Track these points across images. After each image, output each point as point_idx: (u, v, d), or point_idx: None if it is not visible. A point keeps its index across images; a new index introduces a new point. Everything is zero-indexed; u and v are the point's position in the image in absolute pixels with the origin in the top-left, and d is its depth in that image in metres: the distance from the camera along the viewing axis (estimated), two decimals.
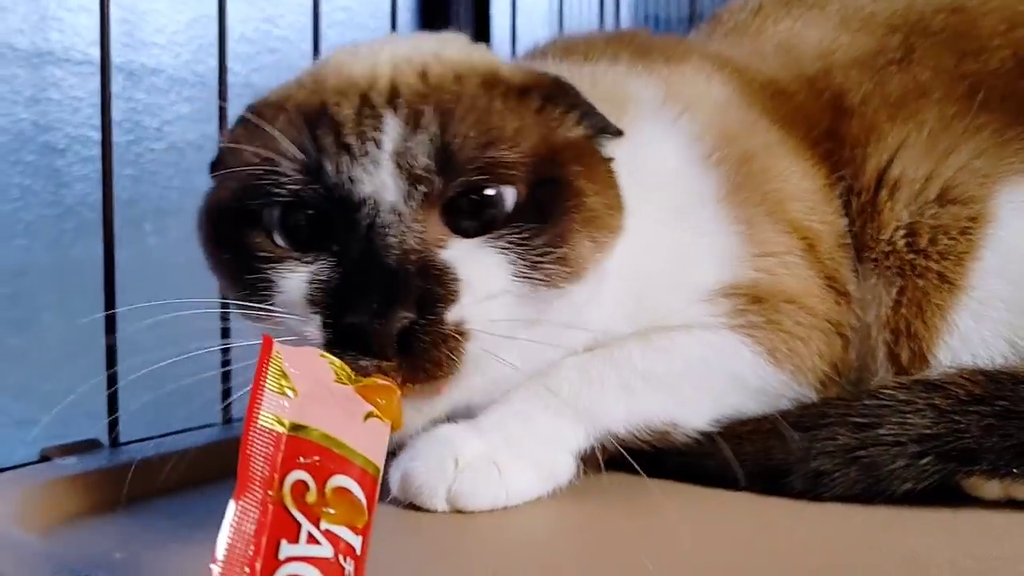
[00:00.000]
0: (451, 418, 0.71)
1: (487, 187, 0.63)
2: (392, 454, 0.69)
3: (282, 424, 0.45)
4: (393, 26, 1.26)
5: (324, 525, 0.42)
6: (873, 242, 0.81)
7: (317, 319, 0.60)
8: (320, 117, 0.64)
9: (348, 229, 0.62)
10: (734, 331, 0.76)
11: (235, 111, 0.98)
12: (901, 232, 0.80)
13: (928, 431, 0.68)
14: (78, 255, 1.05)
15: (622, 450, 0.70)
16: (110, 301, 0.86)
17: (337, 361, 0.53)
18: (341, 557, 0.42)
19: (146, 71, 1.14)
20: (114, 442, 0.84)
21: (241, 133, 0.68)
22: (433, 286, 0.59)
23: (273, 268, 0.63)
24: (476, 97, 0.65)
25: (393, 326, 0.57)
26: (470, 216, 0.63)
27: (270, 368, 0.47)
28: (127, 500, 0.67)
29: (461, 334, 0.60)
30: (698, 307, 0.76)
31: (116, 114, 0.88)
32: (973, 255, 0.77)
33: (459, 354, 0.60)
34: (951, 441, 0.68)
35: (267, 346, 0.48)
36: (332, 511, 0.43)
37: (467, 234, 0.63)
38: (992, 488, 0.69)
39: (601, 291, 0.71)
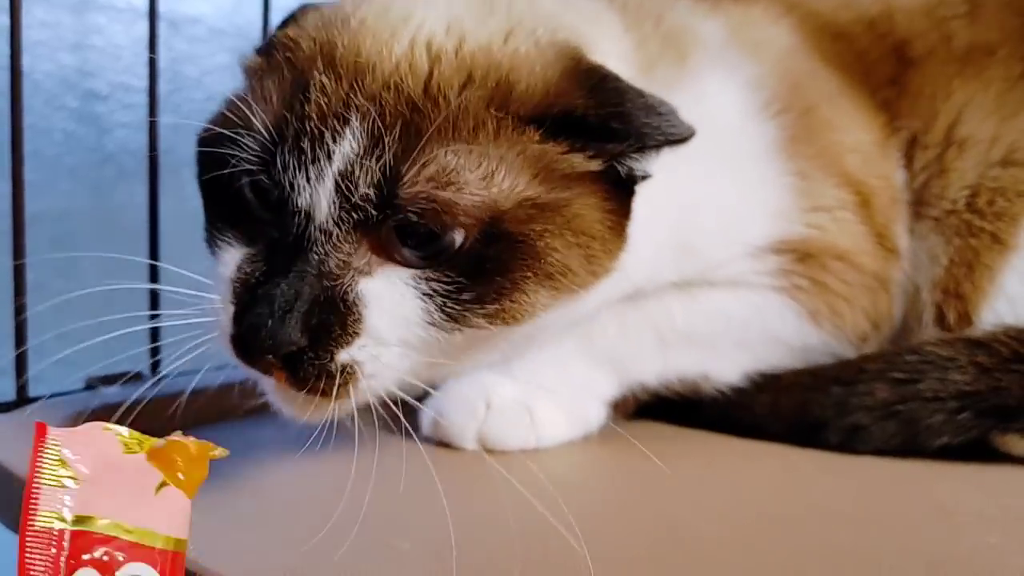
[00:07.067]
0: None
1: (430, 226, 0.57)
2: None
3: (63, 520, 0.41)
4: None
5: None
6: (935, 200, 0.80)
7: (231, 310, 0.57)
8: (306, 89, 0.58)
9: (284, 230, 0.58)
10: (778, 292, 0.76)
11: None
12: (965, 192, 0.79)
13: (968, 387, 0.68)
14: (119, 201, 1.07)
15: (663, 395, 0.69)
16: (154, 246, 0.88)
17: (124, 431, 0.48)
18: None
19: (187, 20, 1.14)
20: (156, 374, 0.86)
21: (256, 65, 0.64)
22: (333, 323, 0.56)
23: (220, 230, 0.61)
24: (467, 116, 0.57)
25: (279, 349, 0.55)
26: (412, 245, 0.57)
27: (45, 459, 0.43)
28: (167, 428, 0.69)
29: (348, 374, 0.57)
30: (746, 262, 0.76)
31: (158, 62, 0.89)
32: None
33: (344, 390, 0.58)
34: (991, 398, 0.68)
35: (39, 436, 0.44)
36: None
37: (404, 262, 0.58)
38: None
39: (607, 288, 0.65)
